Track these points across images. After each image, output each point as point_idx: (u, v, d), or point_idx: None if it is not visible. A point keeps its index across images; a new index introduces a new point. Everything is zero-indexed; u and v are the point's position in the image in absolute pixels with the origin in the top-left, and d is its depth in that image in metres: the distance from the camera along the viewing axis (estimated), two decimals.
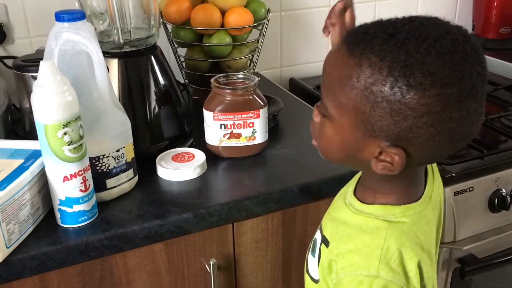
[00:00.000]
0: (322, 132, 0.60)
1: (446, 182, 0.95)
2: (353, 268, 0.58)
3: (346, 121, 0.56)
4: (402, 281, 0.57)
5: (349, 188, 0.68)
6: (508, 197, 1.00)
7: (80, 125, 0.71)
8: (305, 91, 1.35)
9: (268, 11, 1.15)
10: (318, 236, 0.68)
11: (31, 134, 0.92)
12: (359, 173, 0.68)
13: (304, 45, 1.45)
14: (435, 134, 0.52)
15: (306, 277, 0.70)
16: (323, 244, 0.65)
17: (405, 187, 0.61)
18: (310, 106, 1.19)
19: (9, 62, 1.08)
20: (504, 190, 1.01)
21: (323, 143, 0.61)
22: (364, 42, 0.53)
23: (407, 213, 0.60)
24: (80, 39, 0.73)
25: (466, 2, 1.63)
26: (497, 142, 1.11)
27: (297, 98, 1.25)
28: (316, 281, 0.66)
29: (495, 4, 1.57)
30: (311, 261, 0.68)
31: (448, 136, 0.53)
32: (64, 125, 0.69)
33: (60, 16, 0.72)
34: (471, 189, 0.98)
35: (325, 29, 0.81)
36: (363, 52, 0.52)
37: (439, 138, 0.53)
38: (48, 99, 0.67)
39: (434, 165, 0.68)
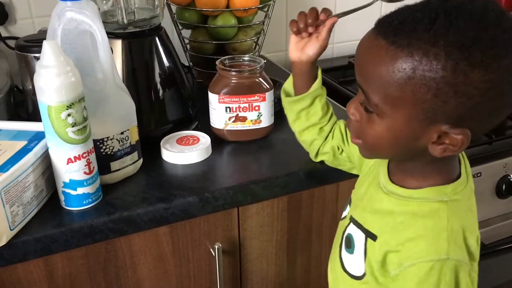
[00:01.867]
0: (370, 129, 0.58)
1: None
2: (422, 255, 0.57)
3: (402, 114, 0.54)
4: (467, 258, 0.58)
5: (379, 177, 0.66)
6: None
7: (84, 106, 0.70)
8: None
9: None
10: (354, 231, 0.66)
11: (34, 116, 0.91)
12: (384, 161, 0.67)
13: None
14: (497, 107, 0.53)
15: (342, 275, 0.68)
16: (369, 239, 0.63)
17: (449, 165, 0.61)
18: None
19: (11, 43, 1.07)
20: (511, 176, 1.00)
21: (371, 140, 0.59)
22: (406, 32, 0.51)
23: (458, 190, 0.60)
24: (84, 18, 0.71)
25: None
26: (505, 128, 1.09)
27: None
28: (358, 278, 0.65)
29: None
30: (349, 258, 0.67)
31: (506, 105, 0.54)
32: (67, 107, 0.68)
33: None
34: (479, 174, 0.97)
35: (296, 27, 0.78)
36: (410, 42, 0.51)
37: (501, 109, 0.54)
38: (52, 80, 0.66)
39: None
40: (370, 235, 0.63)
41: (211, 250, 0.84)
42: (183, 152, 0.86)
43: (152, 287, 0.83)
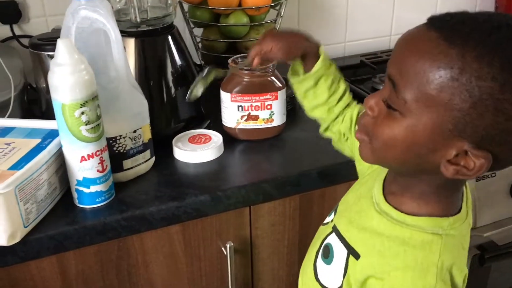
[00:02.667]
0: (387, 128, 0.52)
1: None
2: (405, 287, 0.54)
3: (430, 117, 0.49)
4: None
5: (373, 190, 0.62)
6: None
7: (98, 104, 0.70)
8: None
9: None
10: (336, 242, 0.63)
11: (48, 114, 0.91)
12: (382, 172, 0.63)
13: (321, 27, 1.42)
14: None
15: (313, 283, 0.65)
16: (351, 256, 0.59)
17: (453, 196, 0.56)
18: None
19: (25, 41, 1.08)
20: None
21: (384, 140, 0.53)
22: (464, 32, 0.47)
23: (455, 225, 0.55)
24: (98, 16, 0.71)
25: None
26: None
27: None
28: None
29: None
30: (324, 269, 0.64)
31: None
32: (81, 105, 0.68)
33: None
34: (493, 175, 0.96)
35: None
36: (466, 42, 0.46)
37: None
38: (66, 78, 0.66)
39: None
40: (353, 253, 0.59)
41: (222, 248, 0.84)
42: (195, 151, 0.86)
43: (164, 285, 0.83)
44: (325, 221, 0.72)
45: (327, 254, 0.64)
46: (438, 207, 0.56)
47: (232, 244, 0.82)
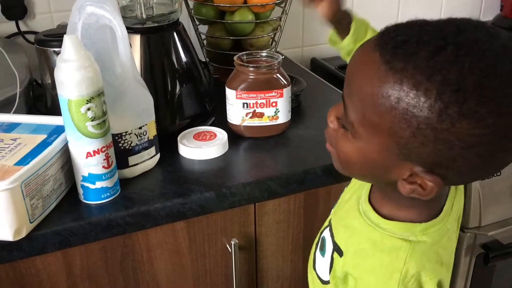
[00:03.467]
0: (343, 145, 0.54)
1: None
2: None
3: (376, 141, 0.49)
4: None
5: (363, 190, 0.62)
6: None
7: (103, 100, 0.70)
8: (327, 71, 1.32)
9: None
10: (328, 237, 0.64)
11: (53, 110, 0.91)
12: None
13: (326, 25, 1.41)
14: (480, 163, 0.46)
15: (312, 273, 0.67)
16: (335, 253, 0.61)
17: (428, 201, 0.53)
18: (333, 87, 1.17)
19: (30, 37, 1.08)
20: None
21: (341, 156, 0.55)
22: (405, 54, 0.45)
23: (429, 231, 0.55)
24: (104, 13, 0.71)
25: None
26: None
27: (320, 78, 1.23)
28: (325, 282, 0.63)
29: None
30: (320, 260, 0.65)
31: (495, 164, 0.48)
32: (87, 101, 0.68)
33: None
34: (498, 173, 0.96)
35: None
36: (405, 67, 0.44)
37: (484, 167, 0.47)
38: (72, 74, 0.66)
39: None
40: (337, 250, 0.61)
41: (227, 246, 0.84)
42: (200, 148, 0.86)
43: (168, 281, 0.83)
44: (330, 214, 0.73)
45: (322, 246, 0.65)
46: (412, 212, 0.55)
47: (236, 241, 0.82)
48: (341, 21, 0.79)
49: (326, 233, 0.66)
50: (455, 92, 0.43)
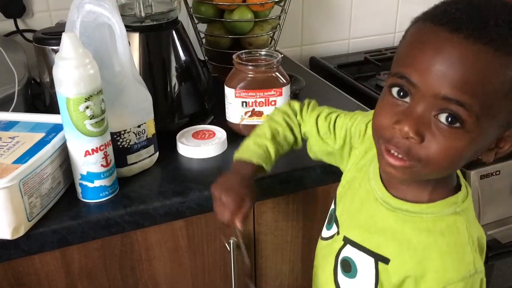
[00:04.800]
0: (449, 149, 0.50)
1: (473, 165, 0.93)
2: (452, 275, 0.55)
3: (495, 125, 0.50)
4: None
5: (374, 191, 0.61)
6: None
7: (102, 99, 0.70)
8: (326, 70, 1.32)
9: None
10: (356, 255, 0.62)
11: (51, 109, 0.91)
12: (369, 172, 0.63)
13: (325, 24, 1.42)
14: None
15: None
16: (380, 263, 0.59)
17: (453, 174, 0.59)
18: (332, 86, 1.17)
19: (29, 35, 1.07)
20: None
21: (443, 163, 0.51)
22: (503, 36, 0.47)
23: (465, 198, 0.58)
24: (102, 11, 0.71)
25: None
26: None
27: (319, 77, 1.22)
28: None
29: None
30: (349, 283, 0.63)
31: None
32: (86, 99, 0.68)
33: None
34: (497, 172, 0.96)
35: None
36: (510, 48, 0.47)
37: None
38: (71, 72, 0.66)
39: None
40: (381, 259, 0.59)
41: (226, 244, 0.84)
42: (199, 146, 0.86)
43: (167, 280, 0.83)
44: (326, 235, 0.70)
45: (349, 268, 0.63)
46: (446, 187, 0.57)
47: (235, 240, 0.82)
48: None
49: (348, 253, 0.63)
50: None
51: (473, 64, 0.47)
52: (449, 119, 0.49)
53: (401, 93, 0.51)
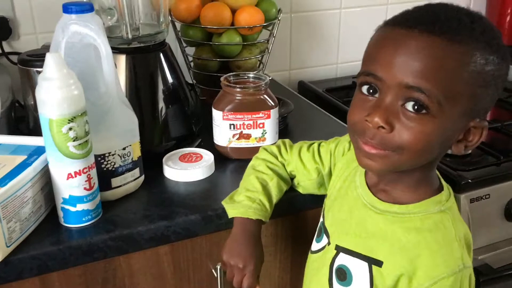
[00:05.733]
0: (419, 132, 0.53)
1: (462, 189, 0.92)
2: (442, 270, 0.56)
3: (457, 111, 0.53)
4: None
5: (361, 198, 0.64)
6: None
7: (86, 120, 0.69)
8: (315, 94, 1.32)
9: (279, 11, 1.12)
10: (350, 262, 0.63)
11: (35, 132, 0.89)
12: (355, 180, 0.66)
13: (313, 48, 1.42)
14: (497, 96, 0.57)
15: None
16: (374, 266, 0.60)
17: (434, 174, 0.62)
18: (320, 109, 1.17)
19: (15, 58, 1.06)
20: None
21: (416, 148, 0.54)
22: (455, 29, 0.52)
23: (449, 197, 0.61)
24: (88, 31, 0.70)
25: (479, 8, 1.61)
26: None
27: (307, 100, 1.22)
28: None
29: (509, 10, 1.54)
30: None
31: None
32: (69, 120, 0.66)
33: (68, 8, 0.70)
34: (487, 196, 0.95)
35: None
36: (465, 37, 0.52)
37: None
38: (54, 93, 0.65)
39: None
40: (374, 262, 0.61)
41: (213, 270, 0.81)
42: (186, 169, 0.84)
43: None
44: (316, 248, 0.71)
45: (344, 276, 0.64)
46: (429, 187, 0.61)
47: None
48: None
49: (343, 261, 0.64)
50: (497, 44, 0.54)
51: (430, 53, 0.52)
52: (415, 106, 0.53)
53: (371, 90, 0.56)
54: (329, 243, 0.67)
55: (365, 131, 0.56)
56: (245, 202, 0.73)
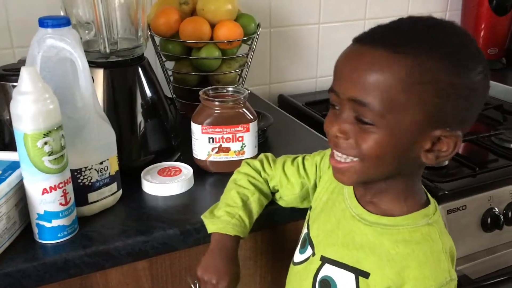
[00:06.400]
0: (367, 142, 0.56)
1: (439, 200, 0.93)
2: (430, 283, 0.57)
3: (406, 120, 0.54)
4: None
5: (349, 209, 0.64)
6: (501, 216, 0.99)
7: (62, 134, 0.68)
8: (294, 108, 1.33)
9: (258, 26, 1.13)
10: (336, 273, 0.63)
11: (11, 147, 0.87)
12: (342, 193, 0.67)
13: (293, 62, 1.44)
14: (478, 108, 0.57)
15: None
16: (360, 278, 0.61)
17: (419, 185, 0.63)
18: (300, 122, 1.17)
19: None
20: (497, 209, 0.99)
21: (370, 152, 0.56)
22: (406, 40, 0.54)
23: (435, 211, 0.62)
24: (64, 45, 0.70)
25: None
26: (488, 161, 1.10)
27: (287, 114, 1.23)
28: None
29: (483, 25, 1.58)
30: None
31: (480, 105, 0.58)
32: (44, 134, 0.65)
33: (44, 22, 0.70)
34: (463, 207, 0.96)
35: None
36: (412, 48, 0.53)
37: (478, 110, 0.58)
38: (28, 107, 0.64)
39: None
40: (361, 273, 0.61)
41: (192, 286, 0.80)
42: (165, 183, 0.84)
43: None
44: (300, 259, 0.71)
45: (328, 287, 0.64)
46: (416, 200, 0.62)
47: None
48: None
49: (327, 272, 0.64)
50: (455, 54, 0.53)
51: (372, 67, 0.54)
52: (361, 118, 0.56)
53: (335, 104, 0.59)
54: (313, 254, 0.67)
55: (331, 140, 0.60)
56: (224, 217, 0.73)
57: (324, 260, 0.65)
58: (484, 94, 0.57)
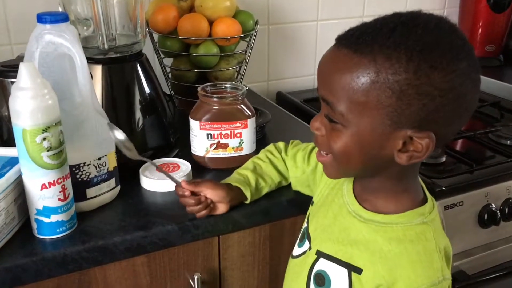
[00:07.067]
0: (337, 140, 0.58)
1: (436, 196, 0.94)
2: (422, 281, 0.57)
3: (368, 120, 0.54)
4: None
5: (347, 205, 0.65)
6: (498, 212, 0.99)
7: (61, 130, 0.68)
8: (293, 105, 1.34)
9: (257, 22, 1.14)
10: (330, 267, 0.64)
11: (9, 143, 0.88)
12: (342, 188, 0.67)
13: (291, 59, 1.44)
14: (457, 109, 0.55)
15: None
16: (353, 273, 0.61)
17: (415, 185, 0.63)
18: (298, 119, 1.18)
19: None
20: (493, 205, 0.99)
21: (339, 151, 0.58)
22: (368, 40, 0.53)
23: (432, 210, 0.61)
24: (63, 41, 0.70)
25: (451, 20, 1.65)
26: (485, 157, 1.10)
27: (285, 110, 1.23)
28: None
29: (481, 22, 1.59)
30: None
31: (465, 108, 0.56)
32: (43, 130, 0.66)
33: (42, 18, 0.70)
34: (461, 203, 0.96)
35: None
36: (373, 48, 0.53)
37: (462, 112, 0.56)
38: (27, 103, 0.64)
39: None
40: (354, 269, 0.61)
41: (190, 281, 0.81)
42: (163, 179, 0.84)
43: None
44: (298, 253, 0.72)
45: (322, 281, 0.64)
46: (410, 198, 0.62)
47: (200, 275, 0.80)
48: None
49: (322, 266, 0.65)
50: (420, 51, 0.52)
51: (335, 66, 0.55)
52: (329, 117, 0.57)
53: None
54: (310, 248, 0.68)
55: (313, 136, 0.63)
56: (232, 175, 0.81)
57: (320, 254, 0.65)
58: (465, 93, 0.54)
